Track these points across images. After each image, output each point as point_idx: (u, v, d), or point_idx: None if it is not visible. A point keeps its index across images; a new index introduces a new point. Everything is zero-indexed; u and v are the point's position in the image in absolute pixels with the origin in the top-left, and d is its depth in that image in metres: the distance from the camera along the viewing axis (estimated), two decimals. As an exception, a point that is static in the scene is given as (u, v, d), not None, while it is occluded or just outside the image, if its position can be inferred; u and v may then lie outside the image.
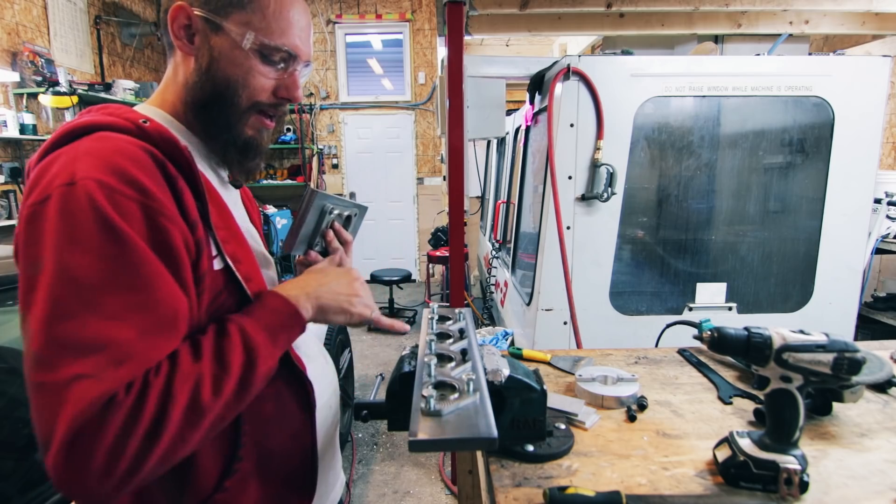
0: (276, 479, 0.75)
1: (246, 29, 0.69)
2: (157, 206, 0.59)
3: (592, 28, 3.05)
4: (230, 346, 0.62)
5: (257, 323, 0.66)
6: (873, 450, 0.84)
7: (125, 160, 0.58)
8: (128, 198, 0.57)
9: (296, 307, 0.70)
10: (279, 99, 0.75)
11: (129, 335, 0.54)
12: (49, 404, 0.51)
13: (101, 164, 0.57)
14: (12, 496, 1.28)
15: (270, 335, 0.66)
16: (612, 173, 2.05)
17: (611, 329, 2.18)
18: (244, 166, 0.78)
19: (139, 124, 0.64)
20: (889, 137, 3.87)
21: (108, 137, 0.61)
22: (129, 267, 0.56)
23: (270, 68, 0.72)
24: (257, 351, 0.63)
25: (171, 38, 0.71)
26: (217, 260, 0.67)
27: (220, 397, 0.59)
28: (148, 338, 0.56)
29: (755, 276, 2.25)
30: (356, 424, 3.08)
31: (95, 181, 0.56)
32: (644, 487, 0.74)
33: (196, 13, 0.69)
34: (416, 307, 5.41)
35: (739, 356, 0.77)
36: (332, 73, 6.35)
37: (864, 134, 2.12)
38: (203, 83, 0.71)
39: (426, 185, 6.60)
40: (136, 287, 0.56)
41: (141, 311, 0.56)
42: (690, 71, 2.08)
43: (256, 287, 0.72)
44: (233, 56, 0.70)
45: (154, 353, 0.56)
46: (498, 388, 0.75)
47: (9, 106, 3.86)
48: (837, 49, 3.37)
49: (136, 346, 0.54)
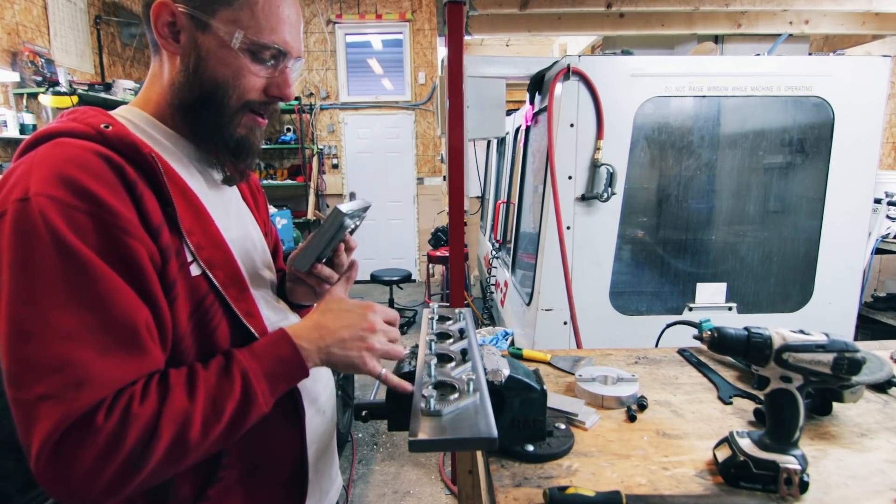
0: (263, 487, 0.74)
1: (235, 27, 0.66)
2: (110, 217, 0.57)
3: (592, 28, 3.05)
4: (229, 391, 0.61)
5: (262, 370, 0.64)
6: (873, 450, 0.84)
7: (77, 169, 0.57)
8: (80, 211, 0.56)
9: (304, 361, 0.67)
10: (270, 97, 0.72)
11: (87, 355, 0.54)
12: (24, 419, 0.53)
13: (52, 175, 0.56)
14: (12, 496, 1.28)
15: (271, 385, 0.65)
16: (612, 173, 2.05)
17: (611, 329, 2.18)
18: (238, 167, 0.76)
19: (100, 129, 0.62)
20: (889, 137, 3.87)
21: (64, 144, 0.60)
22: (83, 286, 0.55)
23: (261, 66, 0.69)
24: (255, 401, 0.62)
25: (155, 37, 0.68)
26: (194, 266, 0.66)
27: (207, 439, 0.59)
28: (107, 357, 0.55)
29: (755, 276, 2.25)
30: (356, 424, 3.08)
31: (47, 197, 0.55)
32: (644, 487, 0.74)
33: (181, 10, 0.66)
34: (416, 307, 5.41)
35: (739, 356, 0.77)
36: (332, 73, 6.35)
37: (864, 134, 2.12)
38: (191, 84, 0.68)
39: (426, 185, 6.60)
40: (93, 306, 0.55)
41: (98, 331, 0.55)
42: (690, 71, 2.08)
43: (238, 293, 0.70)
44: (221, 55, 0.67)
45: (114, 372, 0.56)
46: (498, 388, 0.75)
47: (9, 106, 3.86)
48: (837, 49, 3.37)
49: (94, 367, 0.54)
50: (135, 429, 0.54)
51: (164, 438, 0.56)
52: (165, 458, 0.57)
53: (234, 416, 0.61)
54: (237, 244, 0.76)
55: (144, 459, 0.55)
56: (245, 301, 0.71)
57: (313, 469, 0.81)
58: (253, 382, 0.62)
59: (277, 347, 0.67)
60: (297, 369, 0.67)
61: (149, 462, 0.55)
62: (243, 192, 0.88)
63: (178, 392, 0.59)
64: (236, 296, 0.70)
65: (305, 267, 0.79)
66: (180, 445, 0.57)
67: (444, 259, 4.90)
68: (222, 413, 0.60)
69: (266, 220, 0.92)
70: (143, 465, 0.55)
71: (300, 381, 0.69)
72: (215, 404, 0.60)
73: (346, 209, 0.75)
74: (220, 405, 0.60)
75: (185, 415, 0.57)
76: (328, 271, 0.83)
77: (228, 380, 0.62)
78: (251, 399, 0.62)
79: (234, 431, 0.62)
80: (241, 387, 0.62)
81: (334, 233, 0.78)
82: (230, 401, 0.61)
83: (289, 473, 0.77)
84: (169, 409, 0.57)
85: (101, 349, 0.55)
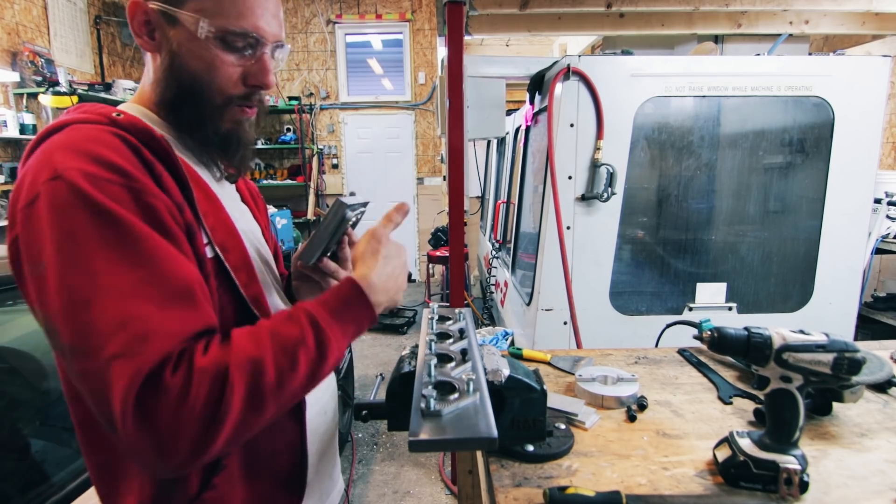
0: (264, 478, 0.74)
1: (199, 16, 0.64)
2: (140, 186, 0.58)
3: (592, 28, 3.05)
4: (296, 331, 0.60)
5: (329, 314, 0.64)
6: (873, 450, 0.84)
7: (100, 146, 0.58)
8: (112, 182, 0.57)
9: (373, 307, 0.69)
10: (250, 87, 0.70)
11: (147, 309, 0.54)
12: (98, 390, 0.52)
13: (77, 153, 0.57)
14: (12, 496, 1.28)
15: (342, 327, 0.65)
16: (612, 173, 2.05)
17: (611, 329, 2.18)
18: (230, 160, 0.76)
19: (111, 117, 0.63)
20: (889, 137, 3.87)
21: (79, 128, 0.61)
22: (130, 246, 0.56)
23: (234, 55, 0.68)
24: (327, 342, 0.62)
25: (134, 36, 0.68)
26: (209, 248, 0.66)
27: (284, 385, 0.58)
28: (167, 310, 0.55)
29: (755, 276, 2.25)
30: (356, 424, 3.08)
31: (78, 171, 0.55)
32: (644, 487, 0.74)
33: (151, 6, 0.65)
34: (416, 307, 5.41)
35: (739, 356, 0.77)
36: (332, 73, 6.35)
37: (864, 134, 2.12)
38: (169, 81, 0.68)
39: (426, 185, 6.60)
40: (142, 263, 0.56)
41: (152, 285, 0.55)
42: (690, 71, 2.08)
43: (247, 279, 0.70)
44: (192, 48, 0.66)
45: (176, 324, 0.55)
46: (498, 388, 0.75)
47: (9, 106, 3.86)
48: (837, 49, 3.37)
49: (156, 319, 0.54)
50: (203, 382, 0.54)
51: (238, 388, 0.55)
52: (246, 408, 0.56)
53: (310, 365, 0.60)
54: (245, 234, 0.76)
55: (222, 412, 0.54)
56: (253, 287, 0.72)
57: (314, 468, 0.81)
58: (325, 329, 0.62)
59: (341, 291, 0.67)
60: (365, 309, 0.67)
61: (228, 414, 0.54)
62: (243, 195, 0.88)
63: (243, 341, 0.58)
64: (245, 281, 0.70)
65: (311, 260, 0.81)
66: (257, 394, 0.56)
67: (444, 259, 4.90)
68: (296, 362, 0.59)
69: (267, 225, 0.93)
70: (224, 418, 0.54)
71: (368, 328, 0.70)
72: (286, 353, 0.59)
73: (347, 201, 0.77)
74: (292, 354, 0.59)
75: (253, 363, 0.56)
76: (333, 265, 0.84)
77: (298, 327, 0.61)
78: (326, 345, 0.62)
79: (314, 379, 0.62)
80: (313, 333, 0.61)
81: (337, 224, 0.80)
82: (303, 350, 0.60)
83: (288, 465, 0.78)
84: (235, 359, 0.56)
85: (160, 303, 0.55)
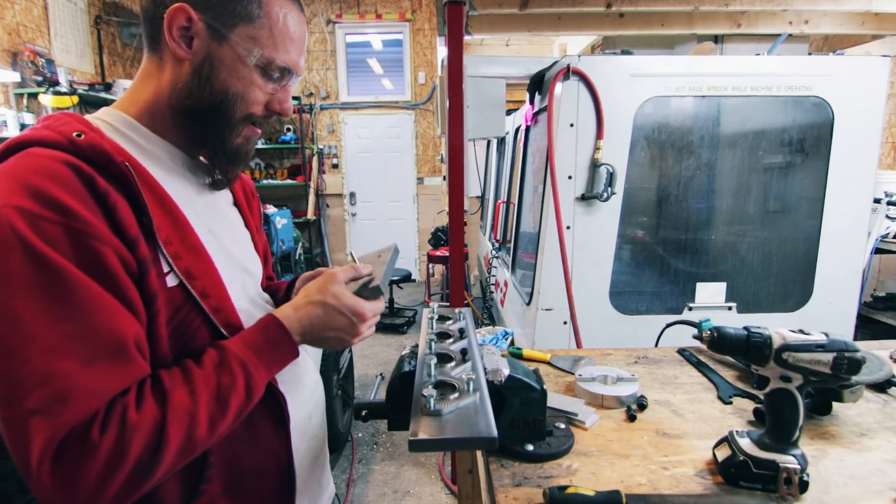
0: (248, 499, 0.73)
1: (253, 45, 0.68)
2: (82, 226, 0.55)
3: (592, 28, 3.05)
4: (232, 385, 0.63)
5: (258, 359, 0.66)
6: (873, 449, 0.84)
7: (45, 180, 0.55)
8: (50, 222, 0.54)
9: (295, 345, 0.71)
10: (270, 112, 0.75)
11: (71, 366, 0.53)
12: (15, 439, 0.52)
13: (20, 187, 0.54)
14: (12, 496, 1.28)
15: (268, 371, 0.68)
16: (611, 173, 2.05)
17: (611, 329, 2.18)
18: (230, 172, 0.78)
19: (71, 138, 0.60)
20: (889, 137, 3.87)
21: (32, 154, 0.58)
22: (60, 296, 0.53)
23: (267, 82, 0.72)
24: (256, 390, 0.65)
25: (167, 38, 0.66)
26: (171, 276, 0.64)
27: (214, 433, 0.61)
28: (92, 367, 0.54)
29: (755, 275, 2.25)
30: (356, 424, 3.08)
31: (15, 208, 0.53)
32: (644, 487, 0.74)
33: (199, 17, 0.66)
34: (416, 307, 5.41)
35: (739, 356, 0.78)
36: (332, 73, 6.35)
37: (863, 134, 2.12)
38: (199, 91, 0.68)
39: (426, 185, 6.60)
40: (72, 316, 0.54)
41: (79, 340, 0.54)
42: (690, 71, 2.08)
43: (217, 303, 0.69)
44: (235, 68, 0.68)
45: (101, 382, 0.54)
46: (498, 387, 0.75)
47: (9, 106, 3.86)
48: (837, 49, 3.37)
49: (78, 377, 0.53)
50: (138, 439, 0.54)
51: (173, 443, 0.56)
52: (176, 459, 0.57)
53: (239, 409, 0.63)
54: (221, 250, 0.75)
55: (154, 466, 0.55)
56: (224, 311, 0.70)
57: (302, 477, 0.80)
58: (253, 374, 0.65)
59: (268, 332, 0.69)
60: (289, 352, 0.70)
61: (159, 467, 0.55)
62: (237, 195, 0.87)
63: (179, 393, 0.58)
64: (215, 306, 0.68)
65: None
66: (189, 446, 0.58)
67: (444, 259, 4.90)
68: (227, 408, 0.61)
69: (258, 226, 0.92)
70: (153, 470, 0.55)
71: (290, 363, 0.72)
72: (220, 400, 0.61)
73: None
74: (224, 400, 0.61)
75: (190, 416, 0.58)
76: None
77: (229, 374, 0.63)
78: (253, 389, 0.65)
79: (237, 421, 0.64)
80: (244, 379, 0.63)
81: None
82: (234, 395, 0.62)
83: (275, 482, 0.76)
84: (172, 414, 0.56)
85: (85, 359, 0.53)
